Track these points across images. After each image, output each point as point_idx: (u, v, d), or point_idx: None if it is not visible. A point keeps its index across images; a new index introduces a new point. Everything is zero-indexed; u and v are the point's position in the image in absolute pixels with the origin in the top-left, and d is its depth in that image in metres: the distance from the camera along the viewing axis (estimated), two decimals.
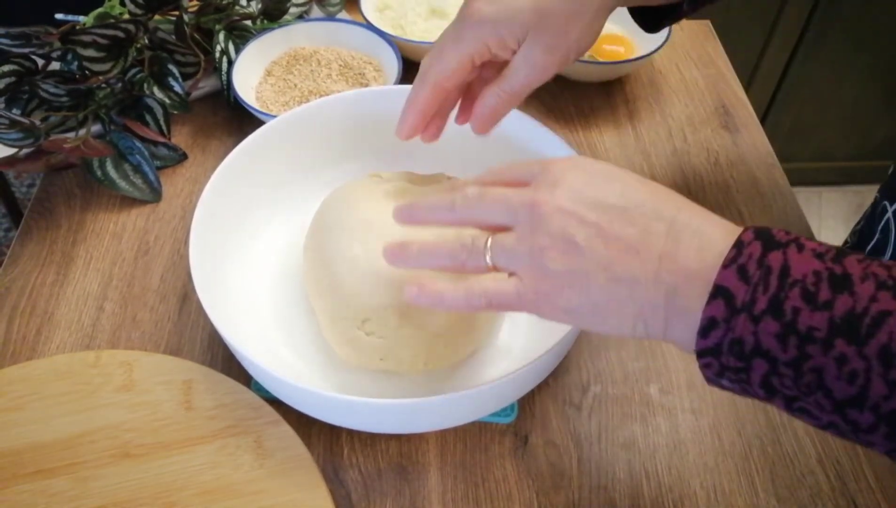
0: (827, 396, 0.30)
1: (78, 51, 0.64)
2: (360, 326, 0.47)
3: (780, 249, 0.31)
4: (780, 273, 0.31)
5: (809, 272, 0.30)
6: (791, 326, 0.30)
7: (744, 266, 0.31)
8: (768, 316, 0.30)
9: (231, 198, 0.54)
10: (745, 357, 0.31)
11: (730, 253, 0.32)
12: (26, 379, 0.50)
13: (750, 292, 0.31)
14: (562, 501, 0.47)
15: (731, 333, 0.31)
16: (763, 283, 0.31)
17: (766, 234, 0.32)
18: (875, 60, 1.47)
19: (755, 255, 0.31)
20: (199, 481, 0.45)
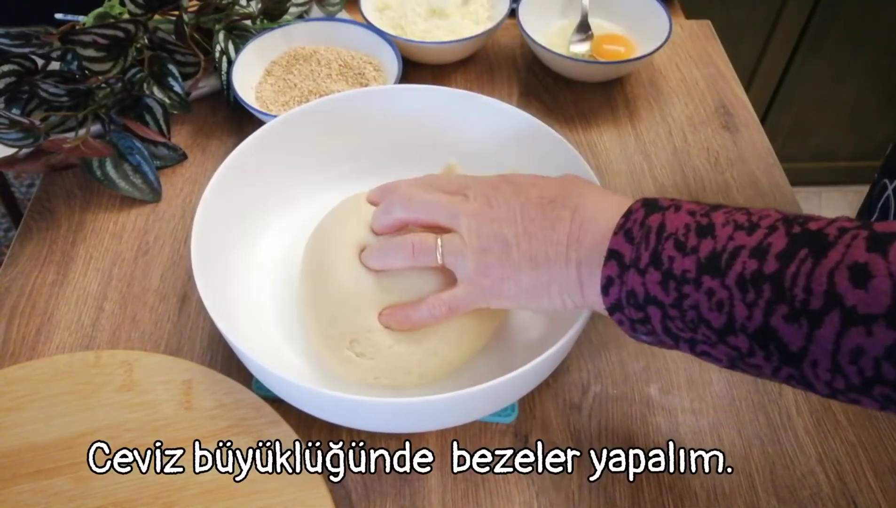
0: (708, 327, 0.35)
1: (78, 51, 0.64)
2: (349, 346, 0.47)
3: (660, 211, 0.37)
4: (658, 230, 0.36)
5: (681, 226, 0.36)
6: (669, 272, 0.35)
7: (629, 230, 0.37)
8: (651, 268, 0.36)
9: (232, 197, 0.53)
10: (641, 307, 0.37)
11: (619, 221, 0.38)
12: (26, 379, 0.50)
13: (634, 250, 0.37)
14: (562, 501, 0.47)
15: (625, 286, 0.37)
16: (644, 241, 0.37)
17: (652, 202, 0.38)
18: (875, 60, 1.47)
19: (638, 219, 0.37)
20: (199, 481, 0.45)
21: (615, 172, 0.68)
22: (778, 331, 0.32)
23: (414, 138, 0.60)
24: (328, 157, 0.60)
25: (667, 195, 0.65)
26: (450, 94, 0.58)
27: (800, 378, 0.33)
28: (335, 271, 0.47)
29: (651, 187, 0.66)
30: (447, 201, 0.44)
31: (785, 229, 0.34)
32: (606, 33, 0.77)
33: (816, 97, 1.54)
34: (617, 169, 0.68)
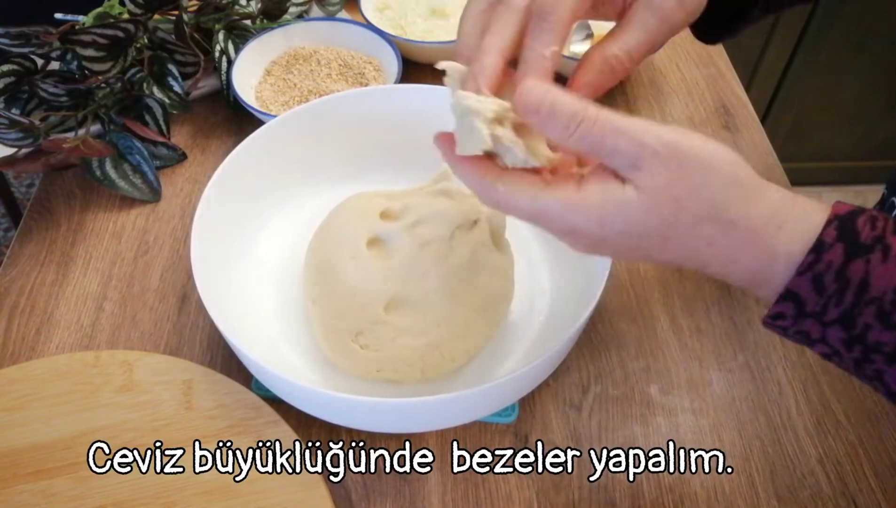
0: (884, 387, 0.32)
1: (77, 50, 0.64)
2: (354, 339, 0.47)
3: (864, 256, 0.30)
4: (859, 289, 0.30)
5: (889, 290, 0.30)
6: (860, 338, 0.31)
7: (820, 277, 0.30)
8: (837, 325, 0.31)
9: (232, 197, 0.53)
10: (810, 341, 0.33)
11: (808, 258, 0.31)
12: (26, 379, 0.50)
13: (822, 303, 0.31)
14: (562, 501, 0.47)
15: (799, 327, 0.32)
16: (837, 296, 0.30)
17: (851, 229, 0.31)
18: (875, 60, 1.47)
19: (835, 264, 0.30)
20: (199, 481, 0.45)
21: None
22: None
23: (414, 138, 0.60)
24: (328, 157, 0.60)
25: None
26: None
27: None
28: (343, 266, 0.47)
29: None
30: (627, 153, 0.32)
31: None
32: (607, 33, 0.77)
33: (816, 97, 1.54)
34: None
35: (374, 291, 0.47)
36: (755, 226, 0.32)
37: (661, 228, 0.32)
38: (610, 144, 0.32)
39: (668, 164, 0.31)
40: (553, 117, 0.32)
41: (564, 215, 0.33)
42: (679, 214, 0.31)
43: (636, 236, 0.32)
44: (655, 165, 0.31)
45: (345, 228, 0.50)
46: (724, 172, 0.32)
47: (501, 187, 0.34)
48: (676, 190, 0.31)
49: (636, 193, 0.32)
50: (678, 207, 0.31)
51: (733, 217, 0.31)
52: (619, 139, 0.31)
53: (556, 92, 0.32)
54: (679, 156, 0.31)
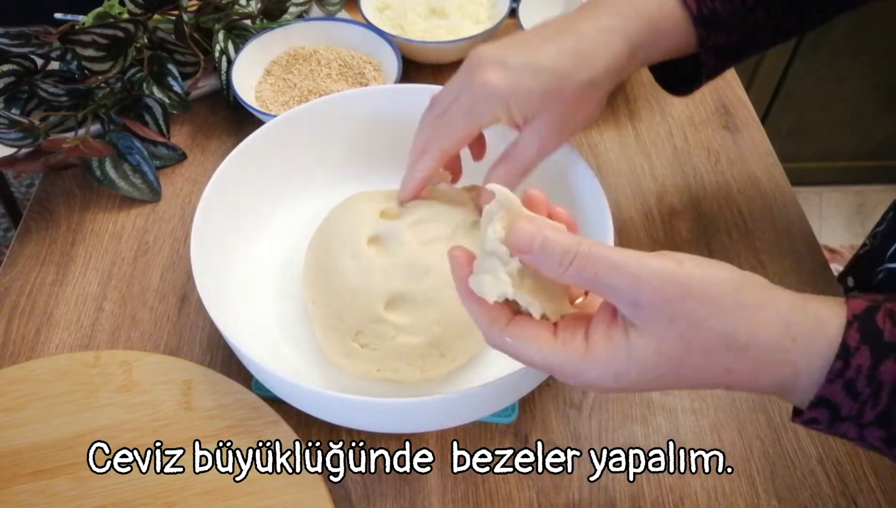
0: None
1: (77, 50, 0.64)
2: (354, 338, 0.47)
3: (892, 356, 0.30)
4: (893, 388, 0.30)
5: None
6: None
7: (852, 382, 0.30)
8: (875, 426, 0.31)
9: (231, 197, 0.53)
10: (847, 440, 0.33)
11: (835, 364, 0.30)
12: (26, 379, 0.50)
13: (857, 407, 0.30)
14: (562, 501, 0.47)
15: (835, 429, 0.32)
16: (873, 399, 0.30)
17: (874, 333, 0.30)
18: (875, 60, 1.47)
19: (864, 368, 0.30)
20: (199, 481, 0.45)
21: (615, 171, 0.68)
22: None
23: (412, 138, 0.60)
24: (328, 157, 0.60)
25: (667, 195, 0.65)
26: None
27: None
28: (343, 265, 0.47)
29: (651, 187, 0.66)
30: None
31: None
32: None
33: (817, 97, 1.54)
34: (617, 169, 0.68)
35: (374, 290, 0.47)
36: (769, 345, 0.31)
37: (674, 366, 0.32)
38: (605, 281, 0.31)
39: (670, 299, 0.31)
40: (545, 255, 0.32)
41: (578, 374, 0.33)
42: (690, 350, 0.31)
43: (652, 378, 0.32)
44: (656, 305, 0.31)
45: (345, 227, 0.50)
46: (728, 297, 0.31)
47: (509, 340, 0.34)
48: (681, 327, 0.31)
49: (642, 339, 0.31)
50: (687, 344, 0.31)
51: (744, 341, 0.31)
52: (613, 276, 0.31)
53: (548, 230, 0.32)
54: (677, 288, 0.31)
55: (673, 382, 0.33)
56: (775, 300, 0.32)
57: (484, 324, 0.35)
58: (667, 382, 0.33)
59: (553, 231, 0.32)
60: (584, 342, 0.33)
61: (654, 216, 0.64)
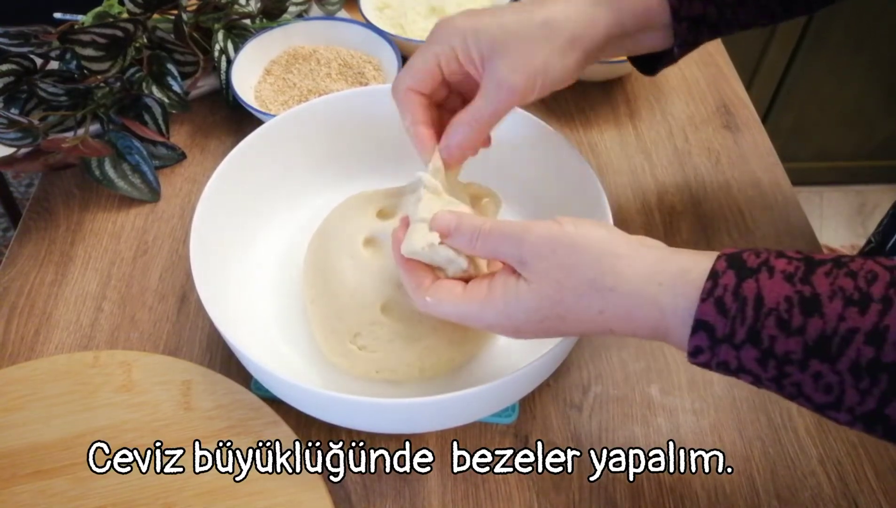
0: (807, 401, 0.33)
1: (76, 50, 0.64)
2: (353, 340, 0.47)
3: (753, 276, 0.33)
4: (755, 304, 0.33)
5: (782, 299, 0.32)
6: (769, 352, 0.33)
7: (721, 299, 0.33)
8: (748, 345, 0.33)
9: (231, 197, 0.53)
10: (731, 373, 0.35)
11: (706, 285, 0.34)
12: (26, 379, 0.50)
13: (729, 324, 0.33)
14: (562, 501, 0.47)
15: (717, 357, 0.34)
16: (740, 315, 0.33)
17: (737, 259, 0.34)
18: (876, 60, 1.47)
19: (730, 286, 0.33)
20: (199, 481, 0.45)
21: (616, 171, 0.67)
22: (891, 418, 0.31)
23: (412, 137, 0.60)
24: (328, 157, 0.60)
25: (667, 195, 0.65)
26: None
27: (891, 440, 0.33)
28: (340, 267, 0.47)
29: (652, 187, 0.66)
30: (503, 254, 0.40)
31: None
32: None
33: (817, 97, 1.54)
34: (618, 168, 0.68)
35: (370, 292, 0.46)
36: (634, 289, 0.35)
37: (554, 308, 0.37)
38: (501, 249, 0.38)
39: (544, 254, 0.37)
40: (459, 234, 0.40)
41: (481, 315, 0.39)
42: (563, 293, 0.37)
43: (538, 320, 0.38)
44: (535, 259, 0.37)
45: (342, 227, 0.50)
46: (594, 248, 0.37)
47: (429, 299, 0.40)
48: (555, 274, 0.37)
49: (526, 284, 0.38)
50: (560, 287, 0.36)
51: (610, 284, 0.36)
52: (505, 244, 0.38)
53: (462, 216, 0.40)
54: (552, 244, 0.37)
55: (559, 324, 0.38)
56: (643, 253, 0.36)
57: (412, 287, 0.41)
58: (553, 324, 0.38)
59: (466, 217, 0.40)
60: (486, 290, 0.39)
61: (655, 216, 0.64)
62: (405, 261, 0.41)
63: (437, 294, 0.40)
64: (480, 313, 0.39)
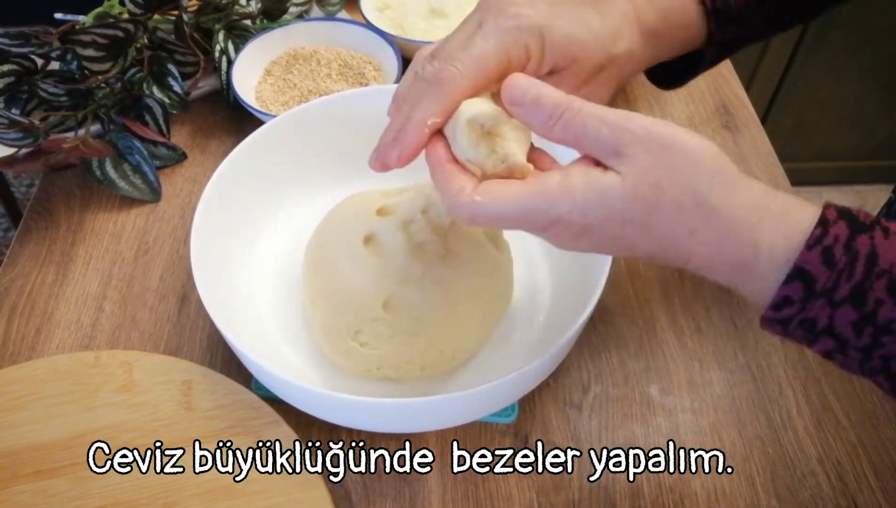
0: (888, 378, 0.30)
1: (77, 50, 0.64)
2: (354, 337, 0.47)
3: (868, 233, 0.30)
4: (868, 261, 0.29)
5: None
6: (871, 316, 0.29)
7: (830, 249, 0.30)
8: (847, 304, 0.30)
9: (232, 197, 0.53)
10: (814, 333, 0.31)
11: (815, 232, 0.30)
12: (26, 379, 0.50)
13: (833, 278, 0.30)
14: (562, 501, 0.47)
15: (806, 313, 0.31)
16: (848, 270, 0.29)
17: (849, 213, 0.31)
18: (875, 60, 1.47)
19: (842, 237, 0.30)
20: (199, 481, 0.45)
21: None
22: None
23: None
24: (328, 157, 0.60)
25: None
26: None
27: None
28: (341, 265, 0.48)
29: None
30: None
31: None
32: None
33: (817, 97, 1.54)
34: None
35: (371, 289, 0.47)
36: (738, 215, 0.31)
37: (644, 213, 0.31)
38: (592, 133, 0.32)
39: (650, 149, 0.31)
40: (537, 107, 0.32)
41: (549, 208, 0.32)
42: (661, 199, 0.31)
43: (619, 222, 0.32)
44: (637, 151, 0.31)
45: (342, 226, 0.50)
46: (707, 161, 0.32)
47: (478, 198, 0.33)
48: (658, 175, 0.31)
49: (618, 178, 0.31)
50: (660, 191, 0.31)
51: (716, 204, 0.31)
52: (601, 127, 0.32)
53: (542, 85, 0.33)
54: (661, 141, 0.31)
55: (639, 234, 0.32)
56: (750, 182, 0.32)
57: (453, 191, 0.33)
58: (631, 233, 0.32)
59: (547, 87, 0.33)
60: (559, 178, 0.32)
61: None
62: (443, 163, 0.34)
63: (491, 191, 0.33)
64: (549, 207, 0.32)
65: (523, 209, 0.33)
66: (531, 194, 0.33)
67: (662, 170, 0.31)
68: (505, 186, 0.33)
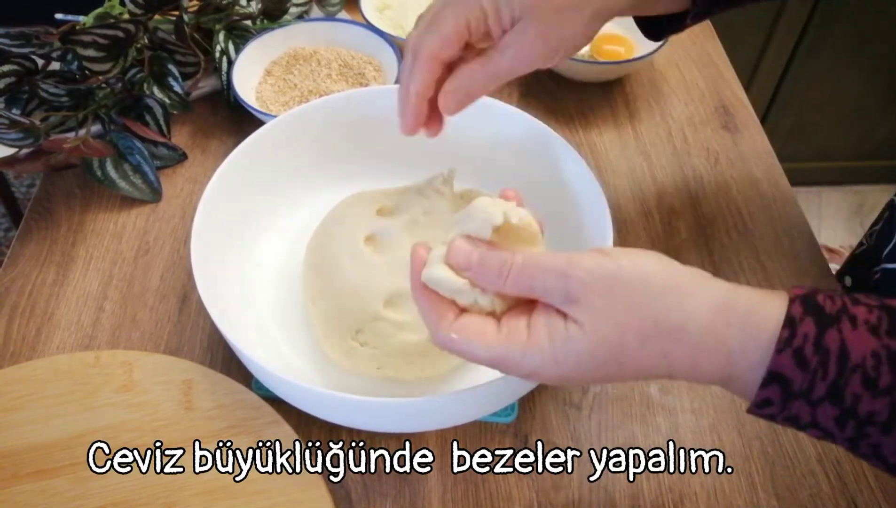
0: (882, 462, 0.31)
1: (78, 51, 0.64)
2: (354, 337, 0.47)
3: (835, 326, 0.30)
4: (839, 357, 0.30)
5: (868, 354, 0.29)
6: (851, 411, 0.30)
7: (800, 350, 0.30)
8: (826, 403, 0.30)
9: (232, 197, 0.53)
10: (801, 426, 0.32)
11: (782, 333, 0.30)
12: (26, 379, 0.50)
13: (808, 378, 0.30)
14: (562, 501, 0.47)
15: (787, 412, 0.31)
16: (822, 369, 0.30)
17: (814, 304, 0.31)
18: (875, 60, 1.47)
19: (811, 335, 0.30)
20: (199, 481, 0.45)
21: (615, 172, 0.68)
22: None
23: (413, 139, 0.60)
24: (328, 157, 0.60)
25: (667, 195, 0.65)
26: None
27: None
28: (341, 264, 0.48)
29: (651, 187, 0.66)
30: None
31: None
32: (606, 33, 0.77)
33: (816, 97, 1.54)
34: (617, 169, 0.68)
35: (372, 288, 0.47)
36: (702, 327, 0.32)
37: (613, 354, 0.32)
38: (540, 286, 0.33)
39: (600, 293, 0.32)
40: (484, 270, 0.34)
41: (522, 361, 0.33)
42: (625, 337, 0.32)
43: (592, 367, 0.33)
44: (589, 296, 0.32)
45: (342, 226, 0.50)
46: (656, 282, 0.32)
47: (455, 336, 0.34)
48: (615, 315, 0.32)
49: (578, 328, 0.32)
50: (622, 330, 0.32)
51: (677, 324, 0.32)
52: (546, 278, 0.33)
53: (482, 248, 0.34)
54: (607, 281, 0.32)
55: (616, 371, 0.33)
56: (709, 287, 0.33)
57: (432, 321, 0.35)
58: (609, 371, 0.33)
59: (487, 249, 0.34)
60: (526, 330, 0.34)
61: (654, 216, 0.64)
62: (423, 290, 0.36)
63: (466, 333, 0.34)
64: (521, 360, 0.33)
65: (496, 359, 0.34)
66: (503, 343, 0.34)
67: (618, 309, 0.32)
68: (480, 329, 0.34)
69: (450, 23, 0.40)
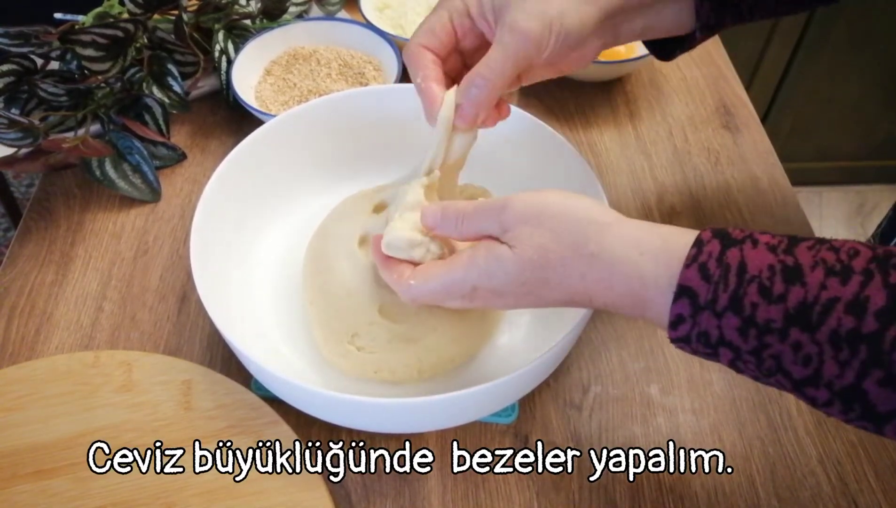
0: (786, 377, 0.33)
1: (77, 50, 0.64)
2: (351, 340, 0.47)
3: (737, 246, 0.34)
4: (738, 270, 0.33)
5: (765, 267, 0.33)
6: (751, 320, 0.32)
7: (704, 265, 0.34)
8: (729, 312, 0.33)
9: (231, 197, 0.53)
10: (712, 346, 0.34)
11: (690, 251, 0.34)
12: (26, 379, 0.50)
13: (711, 290, 0.33)
14: (562, 501, 0.47)
15: (698, 327, 0.34)
16: (723, 281, 0.33)
17: (723, 232, 0.35)
18: (875, 60, 1.47)
19: (714, 253, 0.34)
20: (199, 481, 0.45)
21: (615, 171, 0.68)
22: (869, 394, 0.31)
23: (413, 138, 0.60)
24: (328, 157, 0.60)
25: (667, 195, 0.65)
26: None
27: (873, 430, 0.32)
28: (338, 267, 0.47)
29: (651, 187, 0.66)
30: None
31: (881, 277, 0.30)
32: None
33: (817, 97, 1.54)
34: (617, 169, 0.68)
35: (368, 293, 0.46)
36: (616, 254, 0.36)
37: (537, 271, 0.37)
38: (485, 223, 0.39)
39: (528, 220, 0.38)
40: (445, 221, 0.41)
41: (465, 278, 0.39)
42: (547, 257, 0.37)
43: (520, 283, 0.38)
44: (518, 225, 0.38)
45: (339, 228, 0.50)
46: (578, 215, 0.37)
47: (413, 283, 0.41)
48: (539, 239, 0.37)
49: (509, 249, 0.38)
50: (545, 251, 0.37)
51: (593, 250, 0.36)
52: (489, 215, 0.39)
53: (446, 204, 0.41)
54: (536, 211, 0.38)
55: (542, 289, 0.38)
56: (626, 223, 0.37)
57: (395, 280, 0.42)
58: (534, 289, 0.38)
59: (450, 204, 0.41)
60: (468, 255, 0.39)
61: (654, 216, 0.64)
62: (385, 260, 0.42)
63: (420, 275, 0.41)
64: (464, 278, 0.39)
65: (446, 284, 0.40)
66: (449, 269, 0.40)
67: (542, 233, 0.37)
68: (430, 270, 0.41)
69: (433, 17, 0.44)
